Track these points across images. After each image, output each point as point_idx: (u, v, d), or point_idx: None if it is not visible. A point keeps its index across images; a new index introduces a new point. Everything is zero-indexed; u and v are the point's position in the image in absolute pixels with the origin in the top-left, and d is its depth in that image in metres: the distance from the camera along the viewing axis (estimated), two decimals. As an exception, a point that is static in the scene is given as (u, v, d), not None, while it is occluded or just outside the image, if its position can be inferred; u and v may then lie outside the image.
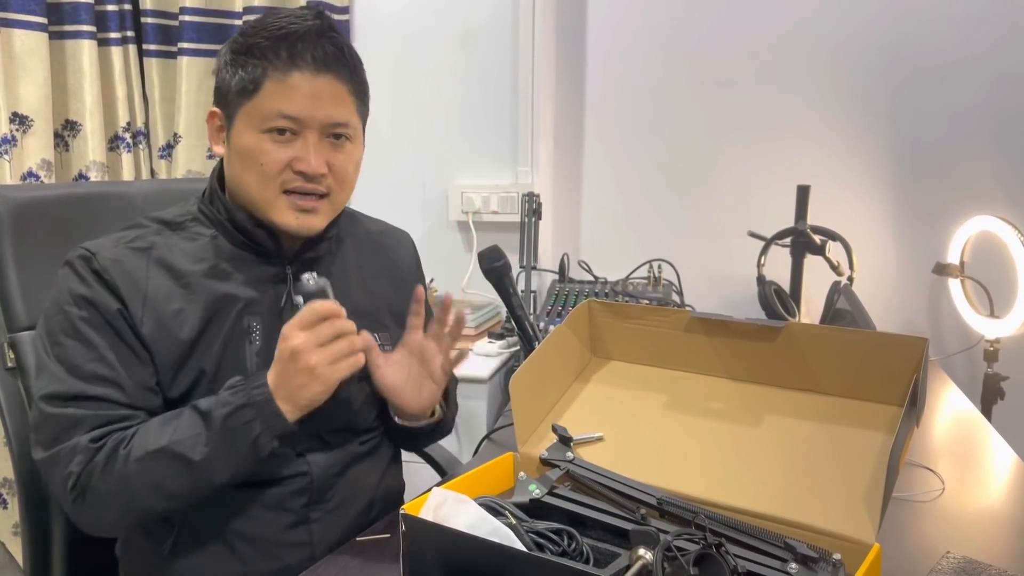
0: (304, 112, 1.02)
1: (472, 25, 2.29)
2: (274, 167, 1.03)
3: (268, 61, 1.01)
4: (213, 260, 1.07)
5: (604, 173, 2.35)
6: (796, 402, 1.03)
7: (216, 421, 0.96)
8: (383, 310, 1.21)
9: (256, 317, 1.07)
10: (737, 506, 0.93)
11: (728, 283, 2.17)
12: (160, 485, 0.97)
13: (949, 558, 0.95)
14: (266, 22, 1.04)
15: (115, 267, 1.02)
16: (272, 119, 1.02)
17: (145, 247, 1.06)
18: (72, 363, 0.99)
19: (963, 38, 2.04)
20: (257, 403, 0.96)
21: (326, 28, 1.04)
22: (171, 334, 1.02)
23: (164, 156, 2.30)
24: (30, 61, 1.95)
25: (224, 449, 0.96)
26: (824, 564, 0.83)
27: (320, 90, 1.02)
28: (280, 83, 1.01)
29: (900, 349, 0.96)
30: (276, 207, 1.05)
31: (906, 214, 2.15)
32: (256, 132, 1.03)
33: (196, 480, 0.97)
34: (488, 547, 0.82)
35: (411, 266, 1.30)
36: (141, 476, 0.96)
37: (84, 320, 1.00)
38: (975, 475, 1.27)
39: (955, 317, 2.10)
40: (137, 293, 1.02)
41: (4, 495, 2.08)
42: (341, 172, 1.08)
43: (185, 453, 0.95)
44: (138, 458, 0.95)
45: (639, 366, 1.15)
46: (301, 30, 1.02)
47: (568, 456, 1.04)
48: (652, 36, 2.26)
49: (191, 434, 0.96)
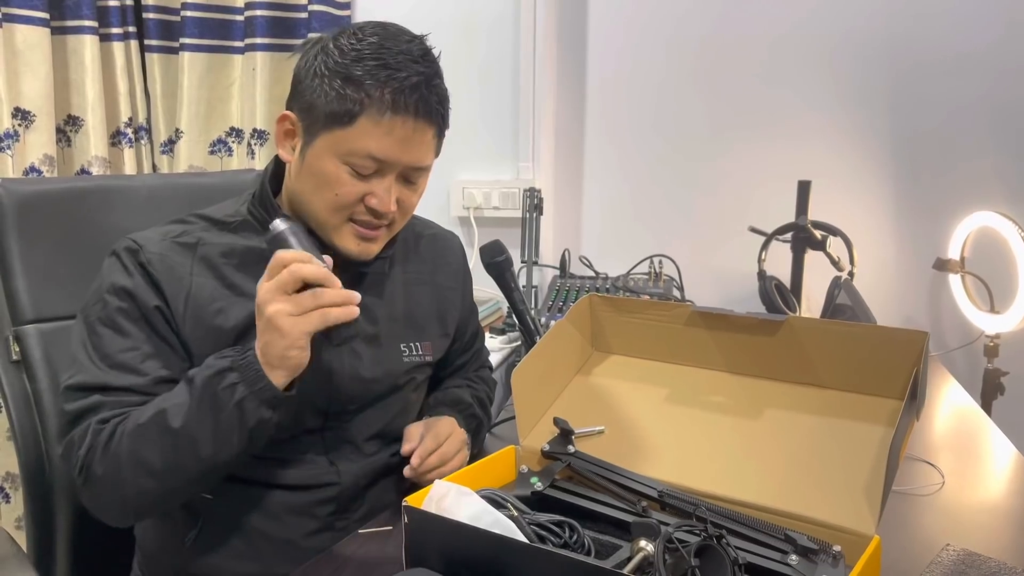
0: (392, 155, 1.00)
1: (473, 20, 2.29)
2: (348, 199, 1.02)
3: (370, 99, 0.98)
4: (259, 264, 1.03)
5: (605, 169, 2.35)
6: (796, 395, 1.03)
7: (197, 387, 0.93)
8: (425, 318, 1.20)
9: None
10: (738, 498, 0.94)
11: (729, 279, 2.17)
12: (145, 460, 0.93)
13: (949, 551, 0.96)
14: (371, 50, 0.99)
15: (160, 262, 1.02)
16: (358, 157, 1.00)
17: (191, 243, 1.05)
18: (104, 351, 0.99)
19: (963, 33, 2.04)
20: (241, 366, 0.92)
21: (433, 75, 1.02)
22: (212, 333, 1.02)
23: (166, 151, 2.30)
24: (32, 56, 1.96)
25: (206, 417, 0.91)
26: (824, 556, 0.84)
27: (414, 136, 1.00)
28: (376, 124, 0.98)
29: (901, 343, 0.96)
30: (340, 233, 1.04)
31: (907, 209, 2.15)
32: (337, 161, 1.00)
33: (178, 451, 0.92)
34: (490, 539, 0.82)
35: (457, 271, 1.28)
36: (129, 451, 0.93)
37: (121, 311, 1.00)
38: (975, 469, 1.28)
39: (955, 312, 2.10)
40: (180, 290, 1.02)
41: (8, 489, 2.08)
42: (408, 207, 1.08)
43: (167, 421, 0.92)
44: (128, 433, 0.94)
45: (640, 360, 1.16)
46: (410, 78, 0.98)
47: (570, 449, 1.05)
48: (653, 31, 2.25)
49: (176, 402, 0.93)
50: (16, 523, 2.05)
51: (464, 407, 1.23)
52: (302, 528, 1.07)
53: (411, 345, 1.17)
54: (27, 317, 1.19)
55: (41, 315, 1.20)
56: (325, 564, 0.98)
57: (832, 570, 0.82)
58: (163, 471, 0.93)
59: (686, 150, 2.27)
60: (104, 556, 1.20)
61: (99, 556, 1.21)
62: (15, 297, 1.19)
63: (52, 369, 1.19)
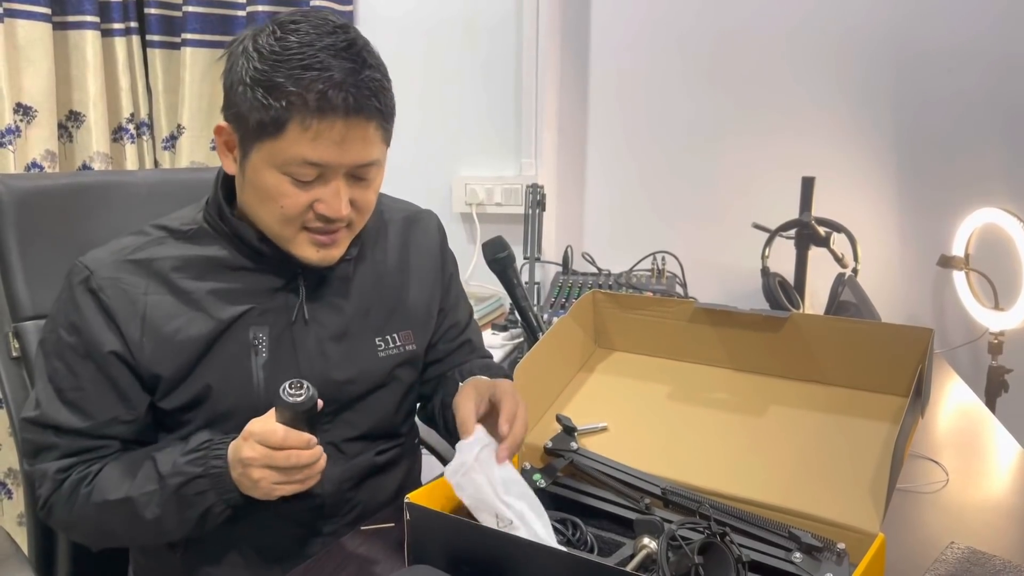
0: (330, 159, 0.94)
1: (476, 16, 2.28)
2: (295, 209, 0.97)
3: (293, 106, 0.91)
4: (218, 272, 1.03)
5: (608, 165, 2.35)
6: (800, 392, 1.03)
7: (169, 487, 0.95)
8: (403, 308, 1.15)
9: (263, 328, 1.03)
10: (741, 496, 0.93)
11: (732, 275, 2.17)
12: (113, 532, 1.01)
13: (953, 548, 0.95)
14: (289, 53, 0.92)
15: (112, 287, 0.99)
16: (294, 166, 0.94)
17: (146, 259, 1.02)
18: (58, 386, 1.01)
19: (968, 29, 2.03)
20: (212, 475, 0.94)
21: (360, 67, 0.93)
22: (172, 352, 1.00)
23: (168, 147, 2.29)
24: (34, 51, 1.95)
25: (175, 514, 0.96)
26: (828, 553, 0.83)
27: (348, 134, 0.93)
28: (305, 130, 0.92)
29: (905, 340, 0.96)
30: (296, 242, 1.00)
31: (911, 206, 2.14)
32: (276, 172, 0.95)
33: (148, 533, 0.99)
34: (492, 535, 0.82)
35: (433, 254, 1.22)
36: (99, 520, 0.99)
37: (71, 348, 1.00)
38: (979, 467, 1.27)
39: (960, 309, 2.09)
40: (135, 314, 0.99)
41: (9, 485, 2.08)
42: (364, 204, 1.02)
43: (137, 511, 0.96)
44: (96, 504, 0.97)
45: (643, 356, 1.15)
46: (334, 76, 0.91)
47: (572, 446, 1.04)
48: (656, 27, 2.25)
49: (146, 491, 0.96)
50: (18, 519, 2.05)
51: (497, 369, 1.19)
52: (290, 535, 1.06)
53: (387, 338, 1.12)
54: (27, 313, 1.19)
55: (41, 311, 1.19)
56: (327, 561, 0.98)
57: (836, 568, 0.82)
58: (129, 540, 1.08)
59: (689, 146, 2.26)
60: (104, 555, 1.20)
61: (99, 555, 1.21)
62: (15, 293, 1.18)
63: (53, 365, 1.18)
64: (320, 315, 1.07)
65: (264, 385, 1.03)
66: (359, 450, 1.11)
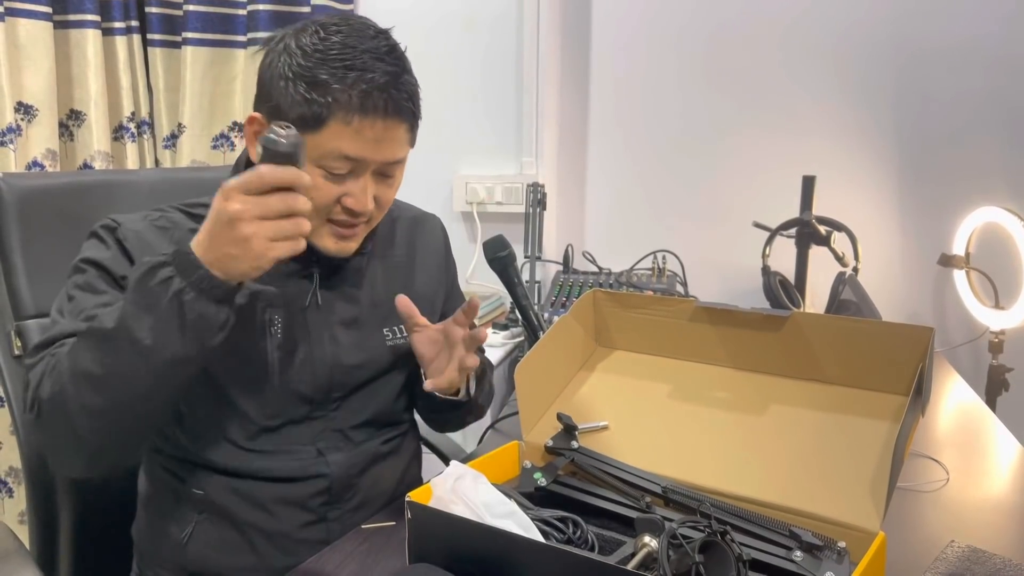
0: (365, 155, 0.99)
1: (476, 15, 2.28)
2: (324, 201, 1.00)
3: (337, 102, 0.95)
4: None
5: (608, 164, 2.35)
6: (801, 391, 1.03)
7: (131, 287, 0.86)
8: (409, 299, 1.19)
9: (278, 310, 1.06)
10: (742, 494, 0.93)
11: (733, 274, 2.17)
12: (85, 370, 0.86)
13: (953, 547, 0.95)
14: (333, 52, 0.96)
15: (136, 238, 1.02)
16: (330, 159, 0.98)
17: (168, 227, 1.05)
18: (79, 308, 0.96)
19: (969, 27, 2.03)
20: (174, 258, 0.84)
21: (400, 72, 1.00)
22: None
23: (168, 146, 2.29)
24: (35, 50, 1.95)
25: (142, 311, 0.84)
26: (829, 552, 0.83)
27: (386, 134, 0.99)
28: (346, 125, 0.96)
29: (906, 338, 0.96)
30: (318, 233, 1.03)
31: (911, 205, 2.14)
32: (310, 165, 0.98)
33: (118, 352, 0.85)
34: (493, 534, 0.82)
35: (439, 254, 1.27)
36: (69, 370, 0.87)
37: (95, 277, 1.00)
38: (980, 465, 1.27)
39: (960, 308, 2.09)
40: None
41: (11, 484, 2.08)
42: (384, 201, 1.07)
43: (101, 325, 0.86)
44: (67, 352, 0.89)
45: (644, 355, 1.15)
46: (377, 78, 0.96)
47: (573, 444, 1.04)
48: (656, 26, 2.25)
49: (111, 312, 0.87)
50: (19, 518, 2.06)
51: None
52: (295, 520, 1.07)
53: (395, 328, 1.15)
54: (29, 312, 1.19)
55: (43, 310, 1.19)
56: (328, 559, 0.98)
57: (837, 566, 0.82)
58: (105, 377, 0.86)
59: (689, 145, 2.27)
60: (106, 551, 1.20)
61: (102, 551, 1.21)
62: (17, 292, 1.18)
63: (54, 364, 1.18)
64: (332, 302, 1.11)
65: (278, 366, 1.05)
66: (364, 437, 1.13)
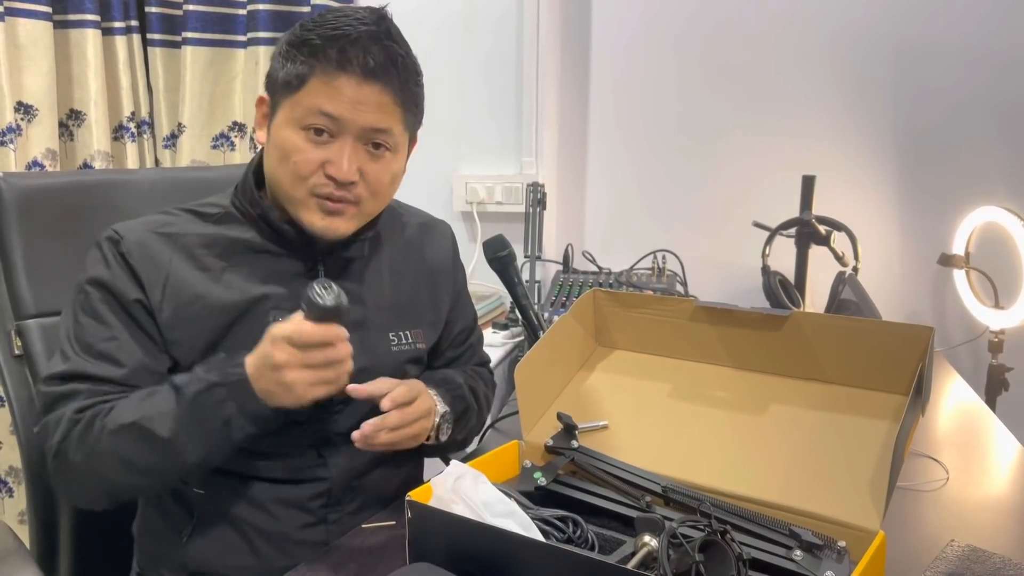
0: (344, 114, 1.00)
1: (477, 14, 2.28)
2: (307, 167, 1.01)
3: (317, 60, 0.99)
4: (242, 254, 1.06)
5: (608, 163, 2.35)
6: (801, 391, 1.03)
7: (187, 397, 0.94)
8: (414, 304, 1.19)
9: (283, 313, 1.04)
10: (742, 494, 0.93)
11: (733, 274, 2.17)
12: (128, 460, 0.95)
13: (953, 546, 0.96)
14: (325, 19, 1.02)
15: (139, 251, 1.03)
16: (311, 115, 1.00)
17: (172, 233, 1.06)
18: (85, 341, 1.01)
19: (967, 25, 2.03)
20: (231, 383, 0.93)
21: (382, 34, 1.01)
22: (189, 320, 1.02)
23: (168, 146, 2.29)
24: (34, 50, 1.95)
25: (194, 427, 0.93)
26: (829, 551, 0.83)
27: (364, 97, 1.00)
28: (325, 83, 0.99)
29: (906, 338, 0.96)
30: (305, 206, 1.04)
31: (911, 204, 2.14)
32: (295, 128, 1.01)
33: (164, 457, 0.95)
34: (493, 534, 0.82)
35: (446, 260, 1.26)
36: (111, 449, 0.95)
37: (100, 301, 1.02)
38: (979, 465, 1.27)
39: (960, 308, 2.09)
40: (158, 278, 1.02)
41: (11, 483, 2.08)
42: (375, 181, 1.05)
43: (153, 429, 0.93)
44: (111, 431, 0.95)
45: (644, 355, 1.15)
46: (354, 34, 0.99)
47: (573, 444, 1.04)
48: (657, 25, 2.25)
49: (162, 410, 0.94)
50: (19, 517, 2.05)
51: (453, 387, 1.19)
52: (295, 521, 1.06)
53: (400, 334, 1.15)
54: (29, 311, 1.19)
55: (43, 310, 1.19)
56: (328, 558, 0.98)
57: (837, 566, 0.82)
58: (145, 471, 0.97)
59: (689, 145, 2.26)
60: (107, 550, 1.20)
61: (102, 550, 1.21)
62: (17, 291, 1.18)
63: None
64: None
65: None
66: None
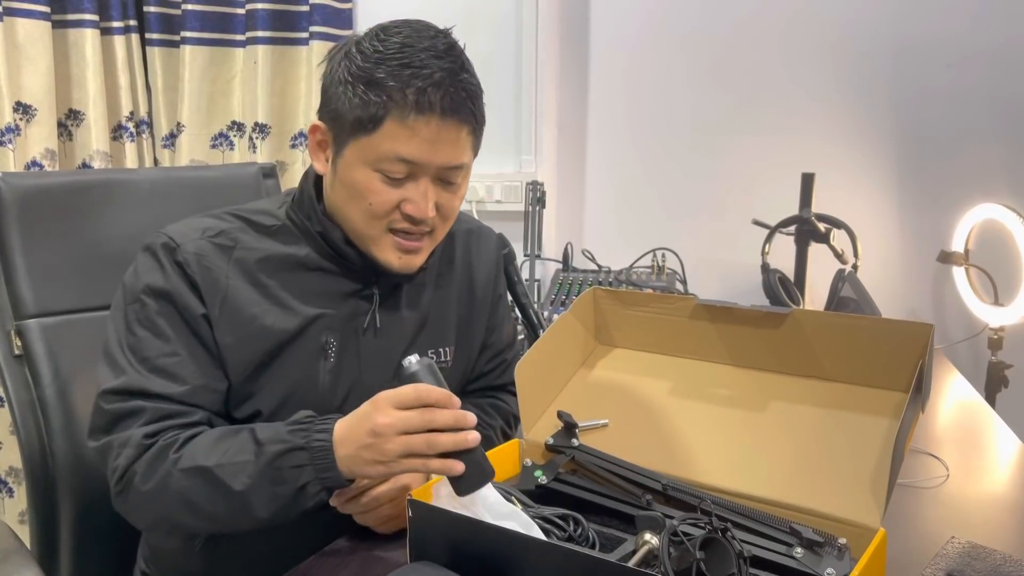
0: (422, 157, 0.96)
1: (476, 13, 2.28)
2: (383, 207, 0.99)
3: (392, 101, 0.94)
4: (296, 271, 1.04)
5: (608, 162, 2.35)
6: (801, 388, 1.03)
7: (266, 455, 0.91)
8: (452, 321, 1.17)
9: (335, 333, 1.04)
10: (743, 491, 0.94)
11: (732, 272, 2.17)
12: (195, 504, 0.93)
13: (954, 543, 0.96)
14: (390, 48, 0.95)
15: (197, 262, 0.99)
16: (388, 161, 0.96)
17: (228, 245, 1.02)
18: (143, 355, 0.97)
19: (967, 23, 2.03)
20: (314, 449, 0.90)
21: (458, 70, 0.97)
22: (246, 341, 1.00)
23: (167, 145, 2.29)
24: (33, 50, 1.95)
25: (267, 487, 0.90)
26: (829, 548, 0.83)
27: (442, 135, 0.96)
28: (402, 125, 0.95)
29: (905, 335, 0.96)
30: (380, 245, 1.02)
31: (911, 202, 2.14)
32: (368, 169, 0.97)
33: (233, 510, 0.92)
34: (494, 532, 0.82)
35: (489, 273, 1.23)
36: (180, 489, 0.92)
37: (161, 314, 0.98)
38: (979, 462, 1.27)
39: (959, 305, 2.09)
40: (217, 293, 1.00)
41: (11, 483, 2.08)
42: (447, 209, 1.03)
43: (226, 480, 0.91)
44: (183, 469, 0.92)
45: (644, 353, 1.15)
46: (434, 75, 0.94)
47: (573, 442, 1.04)
48: (656, 24, 2.25)
49: (239, 460, 0.91)
50: (19, 517, 2.06)
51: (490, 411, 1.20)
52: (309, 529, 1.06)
53: (440, 350, 1.14)
54: (29, 311, 1.19)
55: (43, 310, 1.19)
56: (330, 557, 0.98)
57: (837, 563, 0.82)
58: (211, 517, 0.94)
59: (689, 143, 2.26)
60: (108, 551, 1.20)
61: (103, 551, 1.21)
62: (17, 291, 1.18)
63: (54, 364, 1.18)
64: (389, 326, 1.09)
65: (328, 388, 1.04)
66: None
